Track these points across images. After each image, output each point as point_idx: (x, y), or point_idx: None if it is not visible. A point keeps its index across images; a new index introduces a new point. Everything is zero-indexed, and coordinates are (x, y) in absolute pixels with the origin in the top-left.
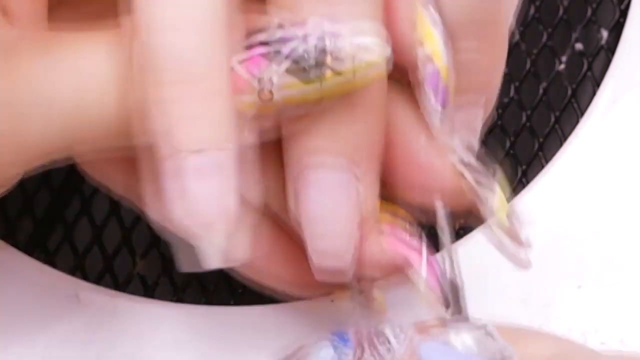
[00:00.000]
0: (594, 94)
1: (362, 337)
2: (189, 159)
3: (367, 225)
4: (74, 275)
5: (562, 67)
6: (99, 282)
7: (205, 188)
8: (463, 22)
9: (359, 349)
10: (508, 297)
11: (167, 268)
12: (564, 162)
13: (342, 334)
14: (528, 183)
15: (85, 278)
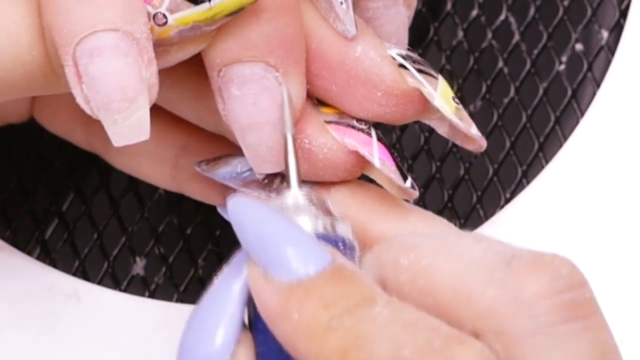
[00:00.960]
0: (594, 94)
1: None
2: (83, 42)
3: (306, 117)
4: (74, 275)
5: (562, 67)
6: (99, 282)
7: (102, 68)
8: None
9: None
10: None
11: (167, 268)
12: (564, 162)
13: None
14: (528, 183)
15: (85, 278)
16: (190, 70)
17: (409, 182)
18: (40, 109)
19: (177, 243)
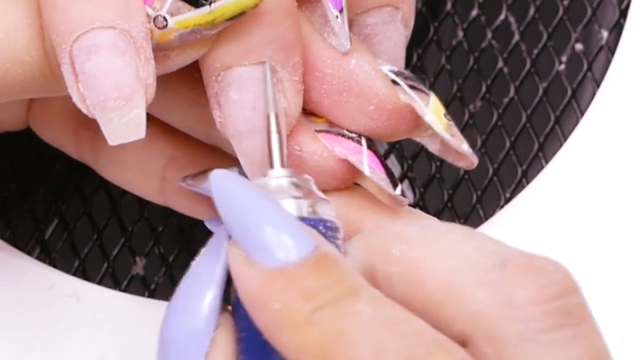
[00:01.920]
0: (594, 94)
1: None
2: (80, 40)
3: (297, 125)
4: (74, 275)
5: (562, 67)
6: (99, 282)
7: (98, 66)
8: None
9: None
10: None
11: (167, 268)
12: (564, 162)
13: None
14: (528, 183)
15: (85, 278)
16: (181, 77)
17: (399, 189)
18: (35, 118)
19: (177, 243)
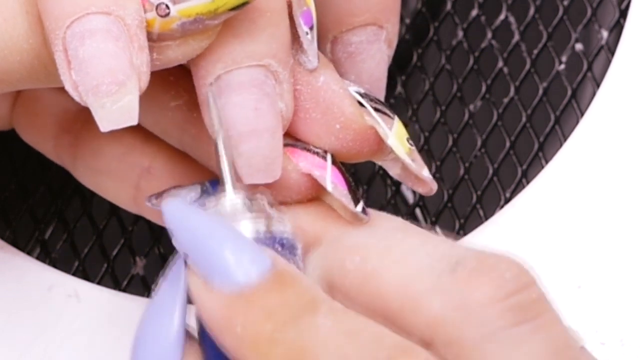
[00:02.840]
0: (594, 94)
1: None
2: (74, 25)
3: None
4: (74, 275)
5: (562, 67)
6: (99, 282)
7: (92, 51)
8: None
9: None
10: None
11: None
12: (564, 162)
13: (216, 183)
14: (528, 183)
15: (85, 278)
16: (156, 80)
17: (360, 206)
18: (18, 118)
19: None
